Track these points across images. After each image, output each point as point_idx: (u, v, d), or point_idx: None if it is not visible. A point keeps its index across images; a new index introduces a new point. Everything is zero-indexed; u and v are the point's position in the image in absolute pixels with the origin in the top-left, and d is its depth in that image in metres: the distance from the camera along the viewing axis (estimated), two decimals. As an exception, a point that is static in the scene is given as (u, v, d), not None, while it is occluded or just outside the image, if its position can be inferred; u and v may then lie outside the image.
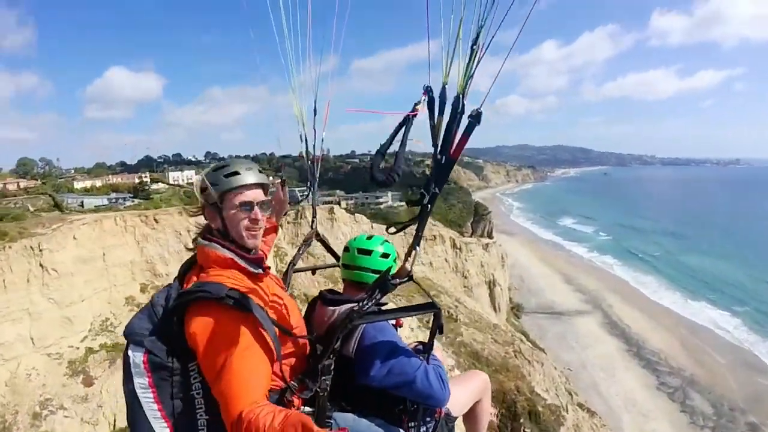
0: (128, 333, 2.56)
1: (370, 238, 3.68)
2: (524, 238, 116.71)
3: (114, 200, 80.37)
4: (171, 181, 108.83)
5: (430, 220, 2.59)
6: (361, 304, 2.70)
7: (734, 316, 59.98)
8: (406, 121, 2.63)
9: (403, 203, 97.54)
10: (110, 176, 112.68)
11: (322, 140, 4.12)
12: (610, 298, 67.87)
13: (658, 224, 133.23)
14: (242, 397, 2.28)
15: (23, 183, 78.65)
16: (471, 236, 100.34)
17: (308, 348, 2.92)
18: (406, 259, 2.65)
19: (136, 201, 79.11)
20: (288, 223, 39.21)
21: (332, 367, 2.75)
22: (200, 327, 2.43)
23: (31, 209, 47.79)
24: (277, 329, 2.52)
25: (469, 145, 2.38)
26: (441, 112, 2.44)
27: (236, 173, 2.72)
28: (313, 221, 4.42)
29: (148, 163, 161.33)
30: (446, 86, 2.39)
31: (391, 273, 2.69)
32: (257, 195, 2.79)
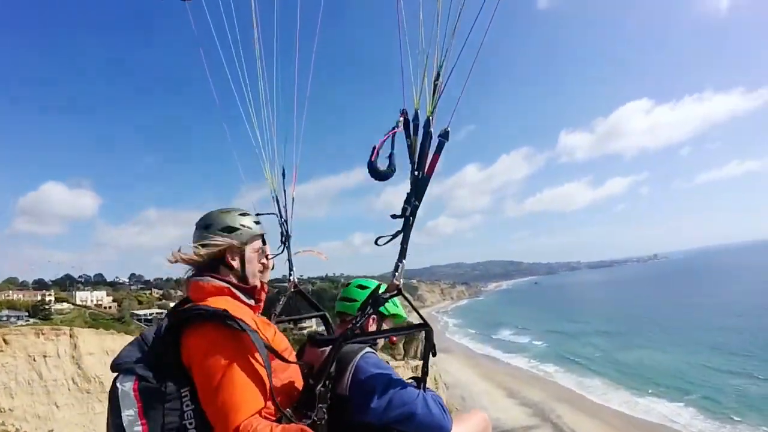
0: (117, 363, 2.55)
1: (364, 283, 3.73)
2: (462, 355, 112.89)
3: (5, 318, 75.28)
4: (78, 301, 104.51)
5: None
6: (355, 321, 2.95)
7: (686, 406, 58.03)
8: (394, 132, 2.95)
9: (324, 329, 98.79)
10: (10, 291, 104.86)
11: (293, 199, 4.76)
12: (558, 408, 63.87)
13: (591, 326, 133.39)
14: (239, 411, 2.35)
15: None
16: (402, 358, 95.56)
17: (301, 381, 2.94)
18: (393, 274, 2.99)
19: (31, 321, 76.37)
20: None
21: (329, 395, 2.75)
22: (197, 344, 2.52)
23: None
24: (269, 351, 2.59)
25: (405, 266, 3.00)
26: (415, 133, 2.95)
27: (258, 222, 3.12)
28: (290, 274, 4.72)
29: (66, 283, 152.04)
30: (418, 111, 2.97)
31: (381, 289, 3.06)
32: (263, 243, 3.16)
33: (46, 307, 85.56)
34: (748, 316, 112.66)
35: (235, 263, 2.92)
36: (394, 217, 2.93)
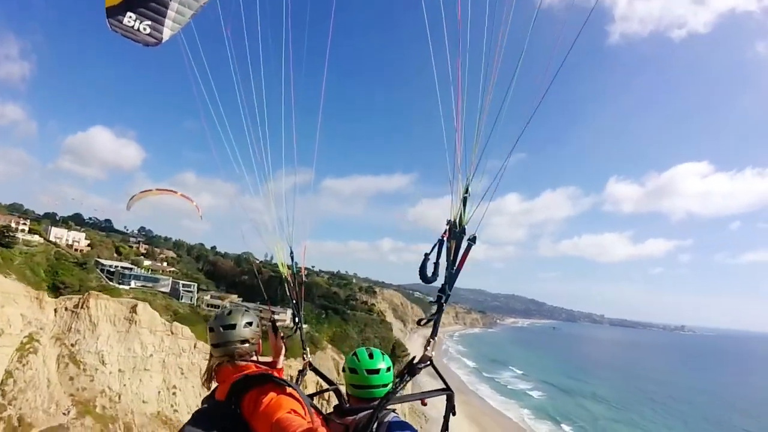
0: None
1: (371, 356, 4.30)
2: (455, 388, 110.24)
3: None
4: (52, 237, 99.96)
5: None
6: (394, 385, 3.96)
7: None
8: (441, 241, 4.08)
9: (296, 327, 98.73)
10: None
11: (302, 284, 5.84)
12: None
13: (598, 388, 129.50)
14: (295, 424, 3.28)
15: None
16: None
17: None
18: (425, 348, 4.01)
19: None
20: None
21: None
22: (255, 398, 3.54)
23: None
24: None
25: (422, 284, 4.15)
26: (452, 237, 4.04)
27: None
28: (304, 353, 5.63)
29: (77, 221, 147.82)
30: (456, 220, 4.09)
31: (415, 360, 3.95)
32: None
33: (11, 234, 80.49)
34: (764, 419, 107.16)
35: (260, 350, 4.22)
36: (431, 303, 4.13)
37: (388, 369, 4.26)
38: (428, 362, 3.98)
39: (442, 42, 4.19)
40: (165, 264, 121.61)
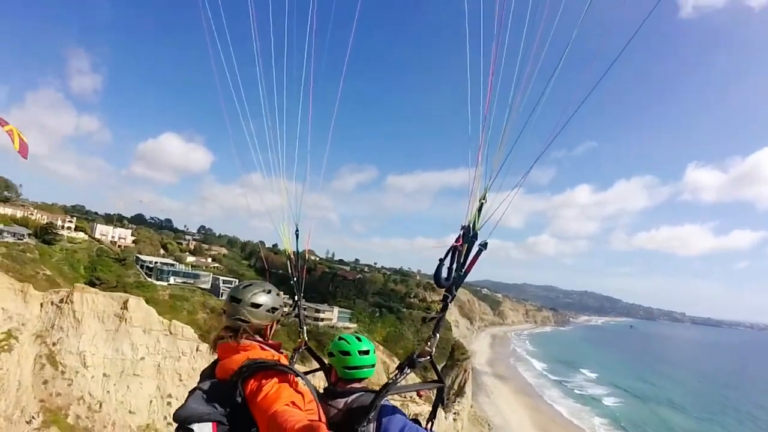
0: (189, 414, 3.31)
1: (358, 339, 4.56)
2: (521, 392, 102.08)
3: None
4: (98, 235, 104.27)
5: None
6: (393, 377, 3.98)
7: None
8: (455, 248, 4.16)
9: (350, 324, 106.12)
10: (32, 208, 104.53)
11: (305, 260, 5.96)
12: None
13: (678, 395, 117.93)
14: (292, 420, 3.04)
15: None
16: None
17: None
18: (426, 343, 4.16)
19: (30, 241, 77.66)
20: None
21: None
22: (258, 384, 3.38)
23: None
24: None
25: (493, 277, 6.78)
26: (465, 241, 4.14)
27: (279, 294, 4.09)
28: (300, 332, 5.76)
29: (138, 221, 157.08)
30: (469, 225, 4.16)
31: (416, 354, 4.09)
32: None
33: (55, 232, 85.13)
34: None
35: (270, 332, 4.08)
36: (437, 304, 4.37)
37: (372, 351, 4.51)
38: (427, 356, 4.13)
39: (479, 20, 3.93)
40: (209, 260, 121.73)
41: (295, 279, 5.86)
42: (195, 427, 3.22)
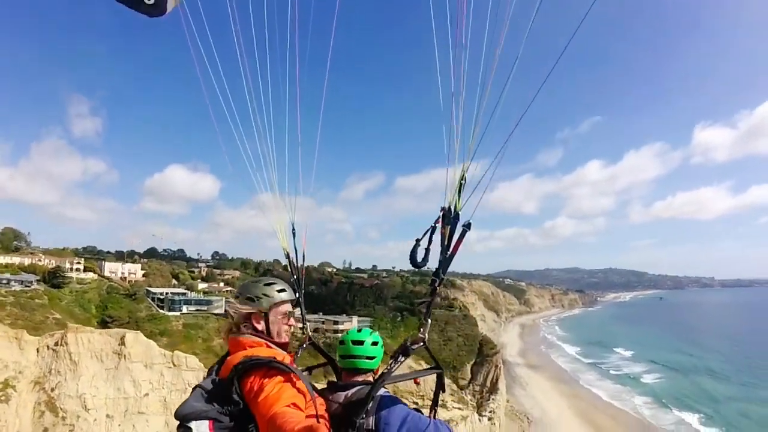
0: (188, 412, 3.28)
1: (359, 330, 4.43)
2: (556, 379, 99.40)
3: (5, 281, 74.69)
4: (107, 272, 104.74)
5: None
6: (388, 367, 3.78)
7: None
8: (433, 229, 3.99)
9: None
10: (40, 255, 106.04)
11: (303, 256, 5.72)
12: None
13: (722, 363, 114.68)
14: (291, 421, 2.98)
15: None
16: (468, 385, 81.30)
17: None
18: (419, 329, 3.98)
19: (39, 287, 77.50)
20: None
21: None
22: (256, 383, 3.31)
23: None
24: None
25: (515, 266, 4.80)
26: (446, 223, 3.90)
27: (284, 290, 4.00)
28: (303, 328, 5.41)
29: (150, 254, 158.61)
30: (450, 207, 3.92)
31: (409, 341, 3.91)
32: (290, 307, 4.08)
33: (63, 274, 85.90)
34: None
35: (260, 326, 3.87)
36: (427, 286, 4.14)
37: (375, 343, 4.33)
38: (421, 343, 3.97)
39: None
40: (222, 285, 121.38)
41: (294, 277, 5.64)
42: (193, 425, 3.22)
